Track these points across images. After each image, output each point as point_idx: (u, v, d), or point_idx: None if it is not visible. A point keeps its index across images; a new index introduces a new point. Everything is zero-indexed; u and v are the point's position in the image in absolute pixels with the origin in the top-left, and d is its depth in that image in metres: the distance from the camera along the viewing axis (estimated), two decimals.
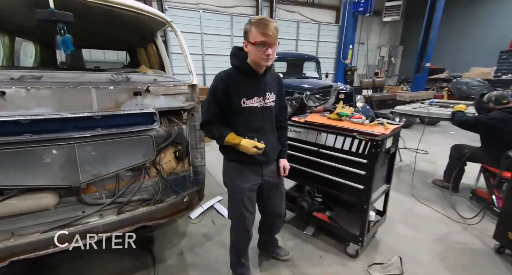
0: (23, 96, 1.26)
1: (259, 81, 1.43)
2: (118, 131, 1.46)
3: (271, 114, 1.53)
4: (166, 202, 1.79)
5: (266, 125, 1.51)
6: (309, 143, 2.11)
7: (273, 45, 1.30)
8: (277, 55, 5.24)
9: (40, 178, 1.32)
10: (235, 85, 1.38)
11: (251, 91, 1.41)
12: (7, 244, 1.35)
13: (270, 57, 1.31)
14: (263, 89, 1.45)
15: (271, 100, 1.48)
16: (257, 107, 1.44)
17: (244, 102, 1.40)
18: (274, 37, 1.28)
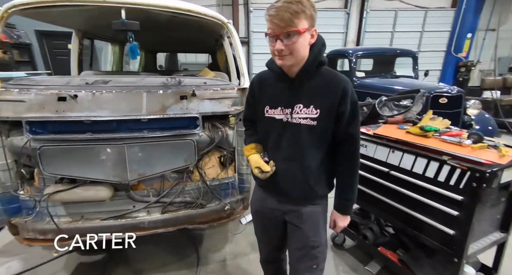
0: (89, 99, 1.43)
1: (289, 86, 1.06)
2: (162, 134, 1.49)
3: (303, 135, 1.05)
4: (207, 208, 1.76)
5: (290, 148, 1.08)
6: (378, 162, 1.68)
7: (284, 35, 0.91)
8: (361, 51, 4.70)
9: (98, 173, 1.48)
10: (262, 89, 1.14)
11: (277, 99, 1.09)
12: (77, 225, 1.58)
13: (283, 54, 0.95)
14: (293, 98, 1.05)
15: (304, 116, 1.03)
16: (279, 121, 1.08)
17: (267, 111, 1.11)
18: (284, 24, 0.89)
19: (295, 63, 0.99)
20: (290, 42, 0.92)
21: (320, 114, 1.02)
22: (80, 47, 2.51)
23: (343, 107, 1.01)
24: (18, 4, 1.55)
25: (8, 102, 1.41)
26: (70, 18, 2.11)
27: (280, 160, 1.11)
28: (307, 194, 1.12)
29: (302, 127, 1.04)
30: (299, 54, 0.96)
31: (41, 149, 1.40)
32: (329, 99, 1.01)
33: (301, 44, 0.94)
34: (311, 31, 0.96)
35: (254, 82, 1.18)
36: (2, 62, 5.20)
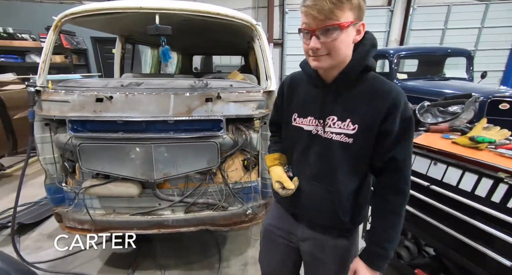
0: (122, 100, 1.52)
1: (323, 93, 0.89)
2: (186, 135, 1.52)
3: (335, 154, 0.87)
4: (229, 211, 1.75)
5: (319, 166, 0.92)
6: (417, 174, 1.50)
7: (321, 31, 0.75)
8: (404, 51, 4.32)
9: (127, 171, 1.56)
10: (292, 92, 0.99)
11: (308, 107, 0.93)
12: (109, 218, 1.69)
13: (318, 54, 0.79)
14: (327, 108, 0.87)
15: (338, 131, 0.85)
16: (307, 133, 0.92)
17: (295, 119, 0.96)
18: (323, 16, 0.73)
19: (333, 66, 0.81)
20: (329, 39, 0.75)
21: (358, 131, 0.82)
22: (122, 51, 2.71)
23: (389, 124, 0.79)
24: (69, 13, 1.71)
25: (56, 102, 1.56)
26: (113, 25, 2.29)
27: (305, 178, 0.95)
28: (334, 224, 0.94)
29: (334, 144, 0.87)
30: (339, 54, 0.78)
31: (80, 145, 1.52)
32: (372, 113, 0.80)
33: (343, 42, 0.76)
34: (357, 25, 0.77)
35: (285, 83, 1.04)
36: (63, 66, 5.89)
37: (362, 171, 0.90)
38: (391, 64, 4.01)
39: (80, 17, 1.74)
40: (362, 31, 0.80)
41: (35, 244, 2.34)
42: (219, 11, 1.73)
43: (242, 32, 2.64)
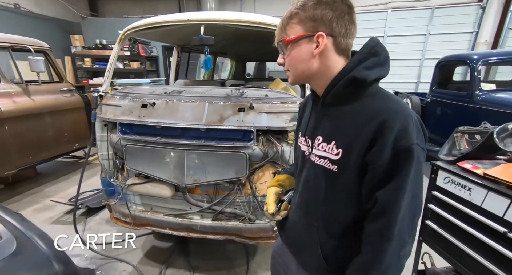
0: (163, 107, 1.62)
1: (316, 110, 0.82)
2: (216, 144, 1.52)
3: (319, 181, 0.76)
4: (255, 224, 1.69)
5: (303, 195, 0.83)
6: (488, 214, 1.17)
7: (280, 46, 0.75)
8: (493, 57, 3.55)
9: (162, 173, 1.65)
10: (304, 109, 0.94)
11: (304, 124, 0.87)
12: (146, 215, 1.83)
13: (285, 69, 0.78)
14: (316, 126, 0.79)
15: (322, 155, 0.74)
16: (303, 154, 0.84)
17: (298, 137, 0.91)
18: (278, 32, 0.76)
19: (297, 82, 0.80)
20: (284, 55, 0.76)
21: (343, 157, 0.69)
22: (178, 59, 2.94)
23: (374, 154, 0.64)
24: (131, 27, 1.93)
25: (111, 106, 1.76)
26: (168, 36, 2.50)
27: (293, 206, 0.88)
28: (317, 265, 0.80)
29: (318, 169, 0.76)
30: (296, 70, 0.75)
31: (126, 146, 1.68)
32: (357, 137, 0.67)
33: (295, 57, 0.73)
34: (310, 38, 0.69)
35: (304, 101, 0.99)
36: (139, 71, 6.78)
37: (353, 208, 0.72)
38: (472, 71, 3.34)
39: (139, 30, 1.94)
40: (322, 42, 0.69)
41: (96, 226, 2.70)
42: (261, 20, 1.70)
43: None
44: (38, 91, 3.33)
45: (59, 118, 3.51)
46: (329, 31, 0.69)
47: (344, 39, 0.70)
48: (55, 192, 3.42)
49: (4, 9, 5.96)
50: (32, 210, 2.95)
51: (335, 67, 0.72)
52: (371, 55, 0.71)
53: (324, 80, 0.74)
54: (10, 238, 1.03)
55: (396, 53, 6.84)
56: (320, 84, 0.76)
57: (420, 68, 6.82)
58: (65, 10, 7.24)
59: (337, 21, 0.68)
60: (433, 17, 6.50)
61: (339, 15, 0.68)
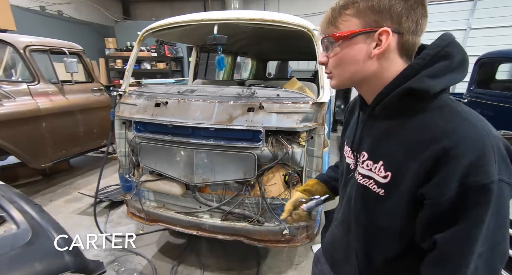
0: (175, 106, 1.64)
1: (363, 119, 0.69)
2: (224, 143, 1.51)
3: (361, 203, 0.66)
4: (264, 227, 1.65)
5: (344, 213, 0.74)
6: None
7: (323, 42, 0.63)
8: None
9: (173, 171, 1.67)
10: (353, 113, 0.81)
11: (350, 133, 0.76)
12: (158, 212, 1.87)
13: (325, 70, 0.66)
14: (362, 140, 0.68)
15: (367, 174, 0.63)
16: (348, 166, 0.74)
17: (345, 146, 0.79)
18: (324, 25, 0.62)
19: (341, 86, 0.65)
20: (331, 54, 0.62)
21: (392, 182, 0.57)
22: (197, 59, 2.99)
23: (435, 188, 0.51)
24: (149, 29, 1.99)
25: (128, 105, 1.83)
26: (186, 36, 2.54)
27: (335, 221, 0.80)
28: None
29: (360, 189, 0.66)
30: (342, 73, 0.62)
31: (140, 144, 1.74)
32: (412, 161, 0.53)
33: (343, 58, 0.60)
34: (369, 35, 0.57)
35: (353, 100, 0.85)
36: (164, 71, 7.04)
37: (397, 241, 0.61)
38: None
39: (157, 31, 1.99)
40: (386, 40, 0.56)
41: (118, 219, 2.84)
42: (274, 17, 1.66)
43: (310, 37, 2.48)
44: (72, 91, 3.59)
45: (89, 115, 3.76)
46: (396, 27, 0.55)
47: (413, 37, 0.57)
48: (84, 184, 3.67)
49: (50, 16, 6.53)
50: (63, 201, 3.19)
51: (393, 71, 0.59)
52: (440, 58, 0.56)
53: (376, 86, 0.61)
54: (27, 228, 1.10)
55: None
56: (370, 90, 0.63)
57: None
58: (101, 15, 7.76)
59: (408, 15, 0.55)
60: (475, 10, 5.93)
61: (412, 7, 0.54)
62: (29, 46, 3.16)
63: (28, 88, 3.06)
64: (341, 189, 0.81)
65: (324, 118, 1.50)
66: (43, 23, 6.29)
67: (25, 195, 1.38)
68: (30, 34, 3.58)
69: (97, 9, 7.58)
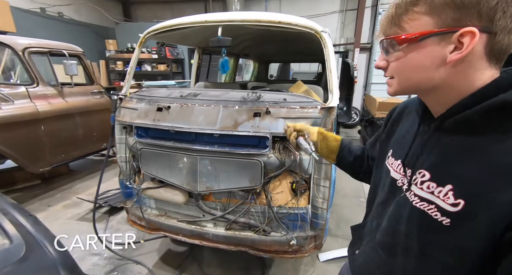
0: (177, 111, 1.58)
1: (422, 132, 0.60)
2: (229, 150, 1.44)
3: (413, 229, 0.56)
4: (270, 237, 1.58)
5: (389, 235, 0.64)
6: None
7: (384, 44, 0.54)
8: None
9: (175, 179, 1.61)
10: (399, 122, 0.73)
11: (401, 145, 0.65)
12: (160, 220, 1.80)
13: (385, 75, 0.58)
14: (420, 155, 0.58)
15: (426, 197, 0.53)
16: (392, 181, 0.65)
17: (388, 157, 0.70)
18: (385, 24, 0.54)
19: (400, 93, 0.56)
20: (391, 58, 0.54)
21: (464, 212, 0.47)
22: (199, 61, 2.93)
23: None
24: (150, 30, 1.93)
25: (129, 109, 1.76)
26: (188, 38, 2.48)
27: (372, 238, 0.71)
28: None
29: (416, 214, 0.55)
30: (408, 79, 0.54)
31: (141, 150, 1.67)
32: (497, 191, 0.44)
33: (409, 63, 0.51)
34: (444, 36, 0.47)
35: (397, 108, 0.77)
36: (165, 73, 6.99)
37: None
38: None
39: (159, 33, 1.93)
40: (468, 43, 0.45)
41: (117, 225, 2.76)
42: (281, 19, 1.59)
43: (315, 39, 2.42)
44: (71, 93, 3.53)
45: (89, 118, 3.69)
46: (486, 26, 0.44)
47: (509, 36, 0.45)
48: (84, 189, 3.59)
49: (50, 18, 6.49)
50: (62, 206, 3.12)
51: (477, 80, 0.48)
52: None
53: (448, 97, 0.51)
54: (20, 242, 1.03)
55: None
56: (440, 102, 0.53)
57: None
58: (101, 16, 7.72)
59: (506, 9, 0.43)
60: None
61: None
62: (28, 48, 3.11)
63: (26, 91, 3.00)
64: (377, 205, 0.72)
65: (333, 123, 1.43)
66: (43, 25, 6.25)
67: (19, 205, 1.31)
68: (30, 36, 3.53)
69: (97, 11, 7.54)
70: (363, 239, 0.80)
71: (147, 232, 1.84)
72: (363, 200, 3.20)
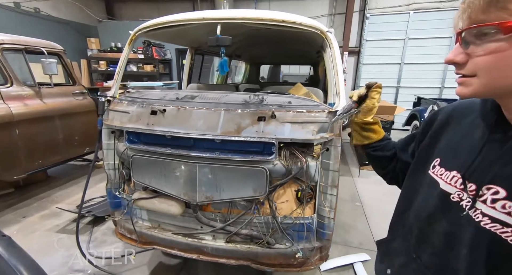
0: (174, 114, 1.45)
1: (495, 141, 0.52)
2: (232, 157, 1.33)
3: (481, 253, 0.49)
4: (274, 249, 1.48)
5: (445, 255, 0.57)
6: None
7: (467, 35, 0.45)
8: None
9: (171, 188, 1.48)
10: (447, 127, 0.65)
11: (459, 155, 0.57)
12: (153, 233, 1.65)
13: (460, 72, 0.48)
14: (490, 169, 0.50)
15: (500, 218, 0.46)
16: (443, 195, 0.57)
17: (434, 166, 0.62)
18: (470, 13, 0.43)
19: (485, 95, 0.49)
20: (478, 51, 0.44)
21: None
22: (191, 62, 2.80)
23: None
24: (142, 28, 1.79)
25: (119, 112, 1.61)
26: (181, 37, 2.35)
27: (410, 260, 0.64)
28: None
29: (485, 236, 0.48)
30: (497, 79, 0.44)
31: (133, 157, 1.52)
32: None
33: (505, 58, 0.42)
34: None
35: (442, 111, 0.69)
36: (152, 74, 6.75)
37: None
38: None
39: (151, 30, 1.79)
40: None
41: (102, 237, 2.56)
42: (285, 18, 1.51)
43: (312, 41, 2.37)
44: (51, 94, 3.27)
45: (71, 121, 3.44)
46: None
47: None
48: (64, 197, 3.33)
49: (26, 13, 6.09)
50: (39, 217, 2.86)
51: None
52: None
53: None
54: None
55: (418, 57, 6.51)
56: None
57: (445, 72, 6.44)
58: (82, 13, 7.36)
59: None
60: None
61: None
62: (1, 44, 2.84)
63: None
64: (417, 219, 0.64)
65: (341, 128, 1.37)
66: (18, 21, 5.85)
67: None
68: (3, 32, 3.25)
69: (78, 7, 7.18)
70: (392, 255, 0.72)
71: (138, 246, 1.69)
72: (358, 204, 3.17)
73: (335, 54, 1.50)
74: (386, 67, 6.69)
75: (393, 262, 0.71)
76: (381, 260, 0.78)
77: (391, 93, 6.78)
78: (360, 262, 2.14)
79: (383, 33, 6.56)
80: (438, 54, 6.34)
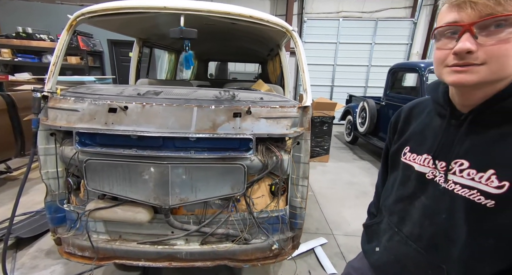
0: (138, 112, 1.31)
1: (452, 126, 0.63)
2: (209, 155, 1.29)
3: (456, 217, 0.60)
4: (251, 244, 1.50)
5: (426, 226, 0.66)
6: None
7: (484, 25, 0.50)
8: None
9: (138, 194, 1.34)
10: (409, 122, 0.78)
11: (426, 140, 0.69)
12: (113, 246, 1.47)
13: (469, 61, 0.52)
14: (454, 147, 0.62)
15: (468, 184, 0.58)
16: (419, 175, 0.69)
17: (404, 154, 0.74)
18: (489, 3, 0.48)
19: (484, 83, 0.53)
20: (494, 40, 0.49)
21: (509, 193, 0.52)
22: (139, 55, 2.55)
23: None
24: (86, 12, 1.54)
25: (64, 110, 1.36)
26: (132, 26, 2.12)
27: (400, 235, 0.73)
28: None
29: (457, 200, 0.59)
30: (505, 67, 0.51)
31: (87, 162, 1.32)
32: None
33: None
34: None
35: (402, 111, 0.83)
36: (79, 67, 5.84)
37: (504, 262, 0.56)
38: (421, 78, 3.74)
39: (97, 16, 1.56)
40: None
41: (32, 262, 2.12)
42: (252, 14, 1.52)
43: (268, 39, 2.45)
44: None
45: None
46: None
47: None
48: None
49: None
50: None
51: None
52: None
53: (495, 89, 0.55)
54: None
55: (347, 59, 7.37)
56: (479, 93, 0.56)
57: (368, 74, 7.48)
58: None
59: None
60: (377, 28, 7.19)
61: None
62: None
63: None
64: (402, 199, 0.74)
65: (310, 122, 1.47)
66: None
67: None
68: None
69: None
70: (380, 235, 0.82)
71: (95, 263, 1.47)
72: (310, 193, 3.44)
73: (301, 52, 1.58)
74: (322, 67, 7.37)
75: (381, 239, 0.81)
76: (368, 241, 0.88)
77: (327, 92, 7.53)
78: (319, 246, 2.34)
79: (319, 36, 7.20)
80: (361, 58, 7.34)
